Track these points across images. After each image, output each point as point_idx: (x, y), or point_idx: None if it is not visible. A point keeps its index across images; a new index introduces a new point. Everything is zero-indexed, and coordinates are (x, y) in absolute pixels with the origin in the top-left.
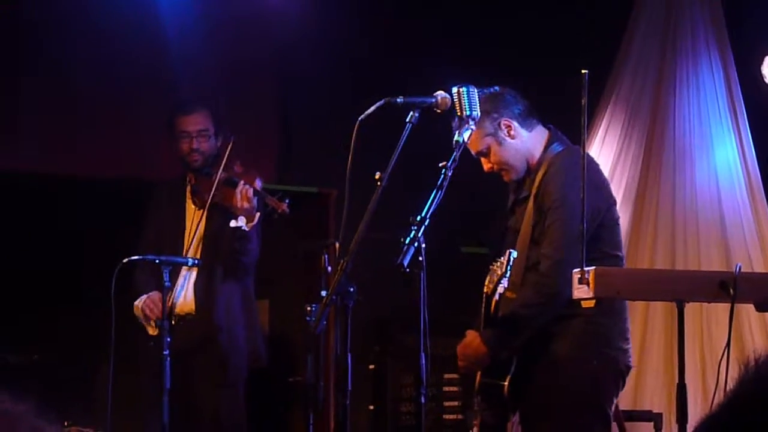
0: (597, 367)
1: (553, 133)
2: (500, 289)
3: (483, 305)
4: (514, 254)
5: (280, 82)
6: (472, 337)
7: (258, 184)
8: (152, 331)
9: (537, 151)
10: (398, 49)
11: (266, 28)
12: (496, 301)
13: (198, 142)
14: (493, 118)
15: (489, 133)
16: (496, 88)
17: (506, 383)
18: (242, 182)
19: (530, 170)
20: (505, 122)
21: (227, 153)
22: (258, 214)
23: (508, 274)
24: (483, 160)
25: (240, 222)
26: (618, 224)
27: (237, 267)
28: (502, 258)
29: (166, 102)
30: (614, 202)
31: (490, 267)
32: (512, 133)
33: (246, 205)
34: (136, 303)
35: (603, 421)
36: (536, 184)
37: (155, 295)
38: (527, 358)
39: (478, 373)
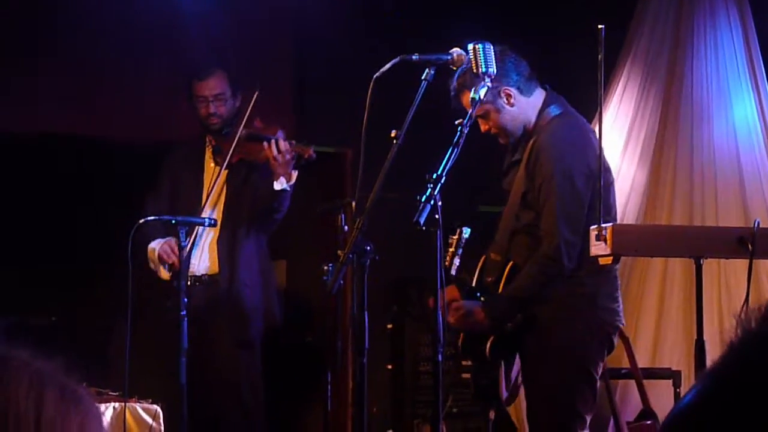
0: (581, 330)
1: (549, 94)
2: (453, 270)
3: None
4: (466, 233)
5: (296, 40)
6: (471, 306)
7: (280, 135)
8: (164, 275)
9: (534, 116)
10: (414, 6)
11: None
12: (482, 264)
13: (215, 106)
14: (493, 86)
15: (488, 101)
16: (497, 51)
17: (488, 345)
18: (272, 137)
19: (526, 134)
20: (505, 91)
21: (251, 104)
22: (296, 172)
23: (459, 252)
24: (480, 121)
25: (283, 184)
26: (609, 188)
27: (270, 225)
28: (454, 235)
29: (182, 62)
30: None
31: (449, 240)
32: (512, 101)
33: (287, 156)
34: (151, 245)
35: (589, 383)
36: (528, 149)
37: (173, 240)
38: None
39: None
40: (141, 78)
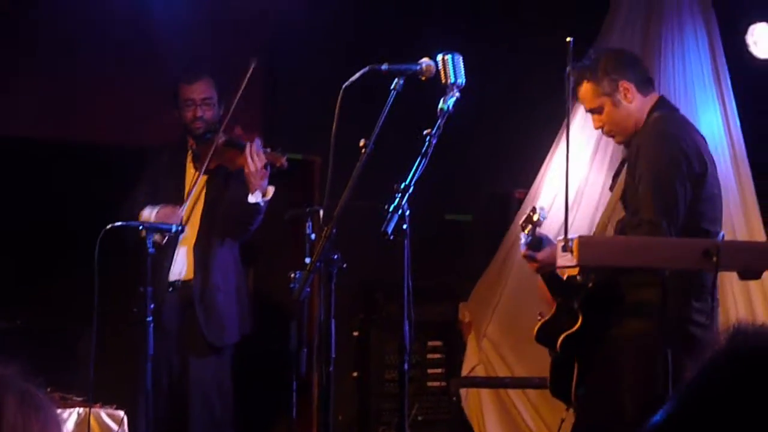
0: (666, 346)
1: (661, 99)
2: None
3: None
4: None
5: (265, 48)
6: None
7: (257, 142)
8: (159, 239)
9: (644, 117)
10: (384, 16)
11: None
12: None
13: (202, 110)
14: (613, 78)
15: (606, 93)
16: (618, 48)
17: (560, 339)
18: (248, 144)
19: (635, 134)
20: (624, 84)
21: (246, 80)
22: (272, 188)
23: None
24: (594, 117)
25: (258, 198)
26: (715, 196)
27: (242, 235)
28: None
29: (163, 69)
30: (706, 172)
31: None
32: (629, 96)
33: (259, 163)
34: (144, 213)
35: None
36: (632, 147)
37: (168, 206)
38: (594, 324)
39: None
40: (121, 83)
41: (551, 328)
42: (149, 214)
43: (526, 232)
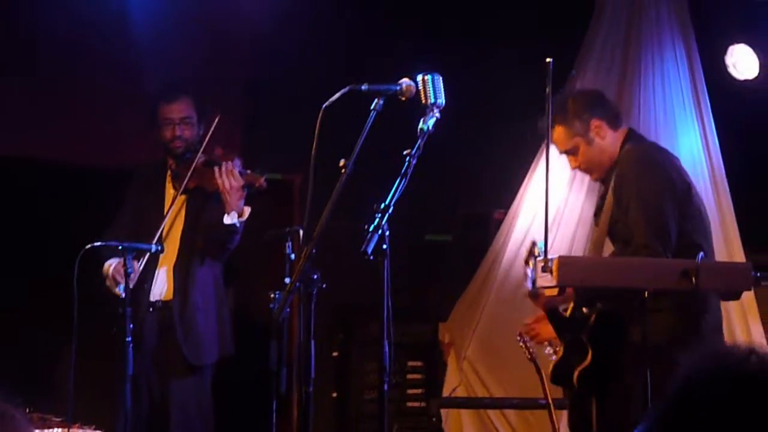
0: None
1: (630, 131)
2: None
3: None
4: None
5: (245, 68)
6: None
7: (237, 163)
8: (119, 293)
9: (618, 150)
10: (365, 37)
11: (233, 15)
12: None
13: (181, 129)
14: (583, 118)
15: (578, 133)
16: (583, 89)
17: (576, 374)
18: (223, 162)
19: (611, 168)
20: (595, 122)
21: (212, 128)
22: (248, 209)
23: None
24: (570, 158)
25: (233, 218)
26: (702, 212)
27: (221, 255)
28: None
29: (143, 88)
30: (690, 190)
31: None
32: (601, 133)
33: (233, 182)
34: (106, 263)
35: None
36: (612, 180)
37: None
38: (604, 356)
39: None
40: (108, 102)
41: (564, 366)
42: (108, 266)
43: (530, 266)
